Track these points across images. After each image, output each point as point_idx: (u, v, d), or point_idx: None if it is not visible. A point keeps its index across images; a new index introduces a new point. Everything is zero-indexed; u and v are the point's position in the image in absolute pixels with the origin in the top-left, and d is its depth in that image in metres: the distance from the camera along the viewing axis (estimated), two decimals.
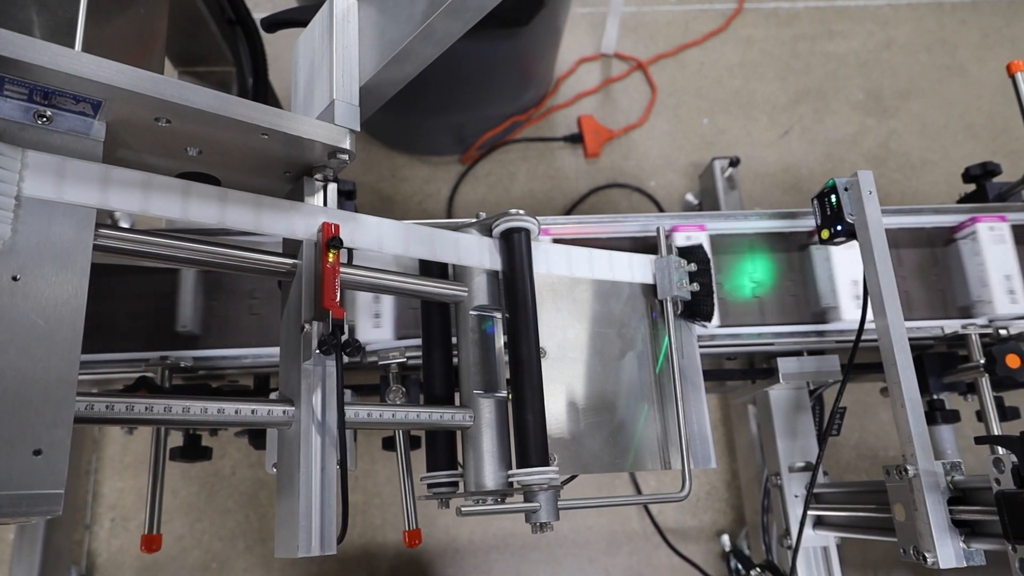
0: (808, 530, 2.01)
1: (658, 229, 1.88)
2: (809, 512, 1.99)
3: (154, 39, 1.62)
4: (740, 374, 2.20)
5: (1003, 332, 1.96)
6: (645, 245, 1.93)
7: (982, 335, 1.96)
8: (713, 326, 1.94)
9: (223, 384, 1.94)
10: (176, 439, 1.82)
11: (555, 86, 3.35)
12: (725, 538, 2.68)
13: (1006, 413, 1.96)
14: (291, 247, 1.39)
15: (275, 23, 1.69)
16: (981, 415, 1.94)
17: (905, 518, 1.57)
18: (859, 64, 3.53)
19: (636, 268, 1.83)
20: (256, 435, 1.86)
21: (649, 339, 1.80)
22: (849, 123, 3.38)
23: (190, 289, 1.82)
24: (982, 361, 1.92)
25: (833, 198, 1.80)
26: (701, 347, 1.89)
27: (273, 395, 1.44)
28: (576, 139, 3.19)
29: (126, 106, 1.09)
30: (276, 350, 1.77)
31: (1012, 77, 2.05)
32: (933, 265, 2.09)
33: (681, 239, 1.94)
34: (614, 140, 3.24)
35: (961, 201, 2.29)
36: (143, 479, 2.62)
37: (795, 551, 1.96)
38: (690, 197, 3.11)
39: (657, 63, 3.44)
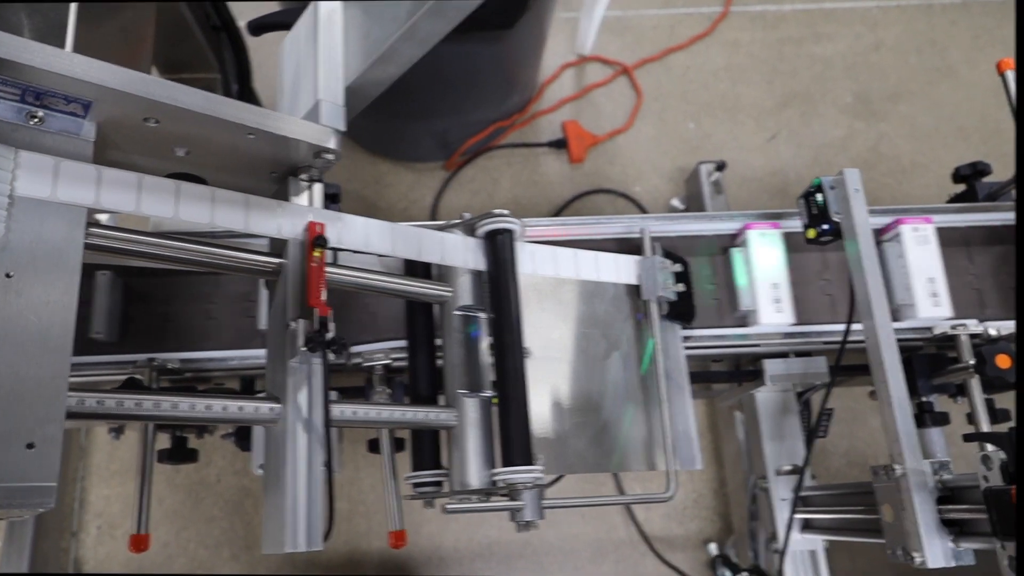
0: (796, 534, 2.03)
1: (642, 230, 1.91)
2: (797, 516, 2.02)
3: (142, 44, 1.67)
4: (726, 376, 2.22)
5: (993, 332, 1.94)
6: (628, 248, 1.95)
7: (972, 335, 1.95)
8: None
9: (209, 387, 1.98)
10: (163, 443, 1.86)
11: (539, 91, 3.38)
12: (712, 546, 2.71)
13: (996, 415, 1.93)
14: (277, 247, 1.44)
15: (261, 26, 1.73)
16: (971, 417, 1.92)
17: (893, 519, 1.58)
18: (847, 67, 3.55)
19: (622, 269, 1.87)
20: (243, 436, 1.90)
21: (634, 340, 1.84)
22: (837, 126, 3.40)
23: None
24: (971, 362, 1.89)
25: (819, 197, 1.83)
26: (685, 349, 1.91)
27: (261, 393, 1.49)
28: (561, 144, 3.22)
29: (116, 106, 1.14)
30: (262, 352, 1.81)
31: (1002, 75, 2.05)
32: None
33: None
34: (599, 145, 3.27)
35: (951, 201, 2.29)
36: (129, 487, 2.67)
37: (782, 555, 1.98)
38: (675, 202, 3.14)
39: (642, 67, 3.47)
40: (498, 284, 1.67)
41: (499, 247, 1.69)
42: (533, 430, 1.59)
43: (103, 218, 1.34)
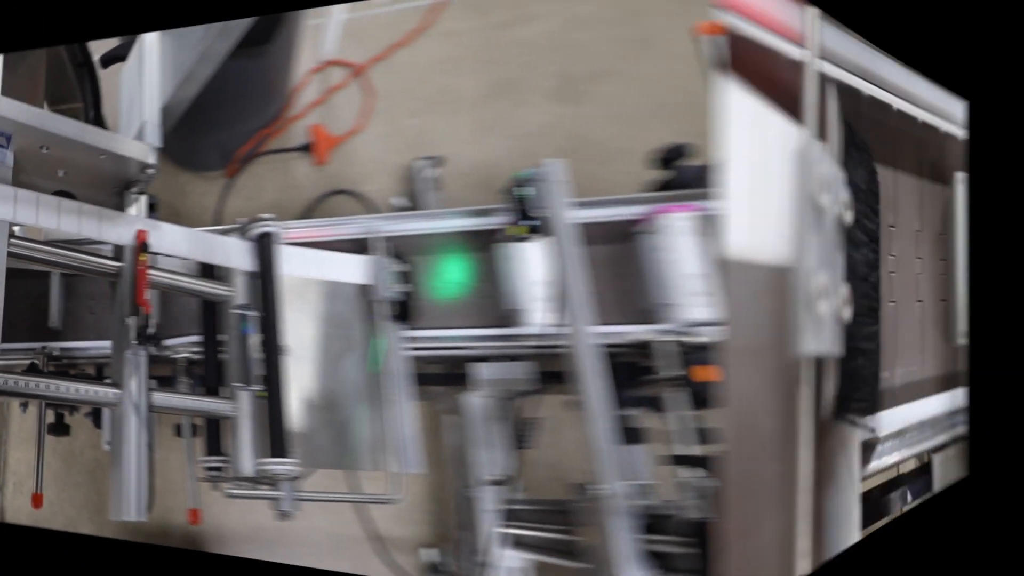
0: (502, 549, 2.13)
1: (370, 230, 2.22)
2: (503, 530, 2.12)
3: (37, 83, 2.04)
4: (440, 379, 2.37)
5: (699, 340, 1.87)
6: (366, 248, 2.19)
7: (684, 343, 1.90)
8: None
9: (76, 371, 2.37)
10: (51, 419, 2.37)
11: (292, 98, 3.63)
12: (426, 551, 2.83)
13: (705, 435, 1.82)
14: (118, 252, 1.86)
15: (108, 59, 2.12)
16: (671, 434, 1.89)
17: (596, 543, 1.67)
18: (552, 48, 3.54)
19: (357, 269, 2.19)
20: (97, 415, 2.32)
21: (366, 340, 2.15)
22: (543, 113, 3.46)
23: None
24: (668, 374, 1.89)
25: (520, 191, 2.02)
26: (407, 350, 2.14)
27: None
28: (310, 148, 3.50)
29: (26, 137, 1.57)
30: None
31: (699, 41, 1.95)
32: (611, 263, 2.05)
33: None
34: (340, 147, 3.54)
35: (660, 189, 2.27)
36: (31, 452, 2.98)
37: (488, 571, 2.13)
38: (396, 201, 3.24)
39: (373, 67, 3.68)
40: (262, 284, 2.02)
41: (263, 249, 2.05)
42: (291, 425, 1.93)
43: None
